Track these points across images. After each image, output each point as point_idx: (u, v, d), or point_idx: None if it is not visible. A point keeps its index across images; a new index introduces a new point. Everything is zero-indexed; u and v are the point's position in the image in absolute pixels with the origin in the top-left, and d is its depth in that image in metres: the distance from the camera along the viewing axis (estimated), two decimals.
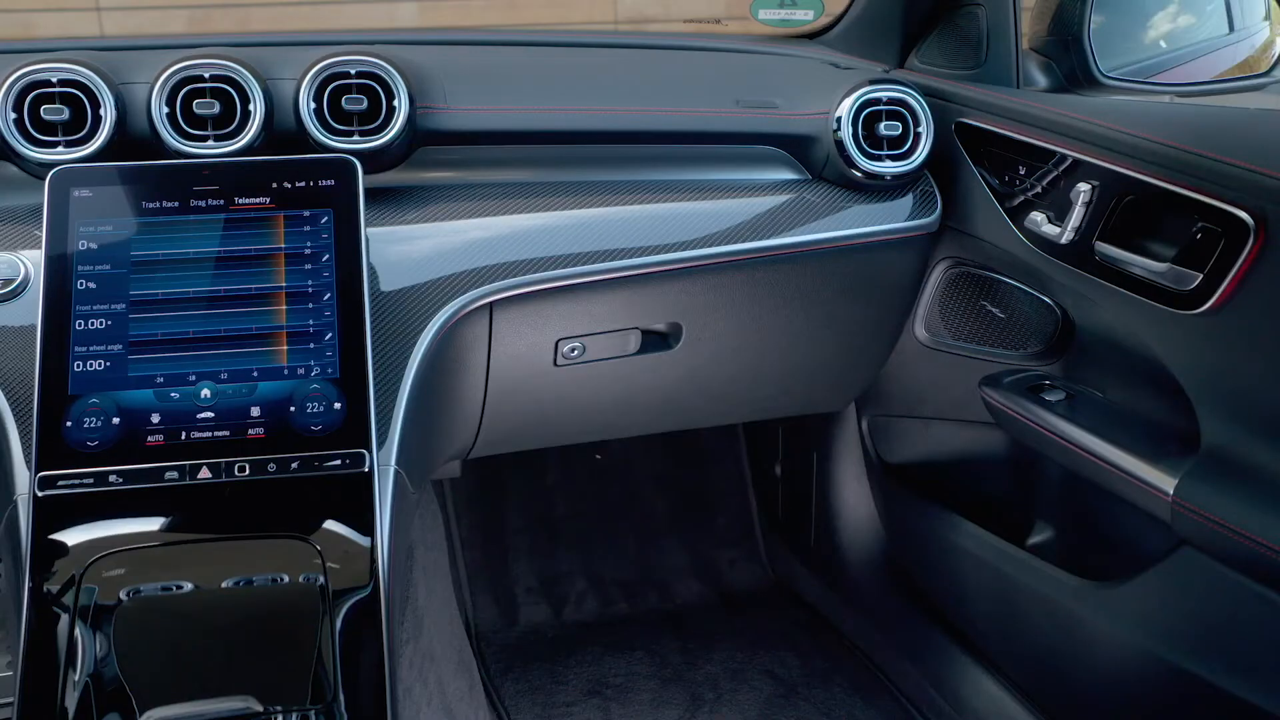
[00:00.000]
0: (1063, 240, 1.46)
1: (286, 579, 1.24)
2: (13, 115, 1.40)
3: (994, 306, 1.69)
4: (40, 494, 1.23)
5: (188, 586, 1.23)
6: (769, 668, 2.07)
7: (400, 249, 1.45)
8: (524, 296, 1.48)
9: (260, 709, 1.12)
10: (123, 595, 1.21)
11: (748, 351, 1.72)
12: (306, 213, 1.37)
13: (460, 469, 1.99)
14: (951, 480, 1.88)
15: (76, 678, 1.15)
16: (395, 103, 1.47)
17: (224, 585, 1.23)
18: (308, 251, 1.35)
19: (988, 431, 1.72)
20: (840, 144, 1.60)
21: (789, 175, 1.67)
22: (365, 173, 1.40)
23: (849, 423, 2.07)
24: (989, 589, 1.73)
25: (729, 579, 2.39)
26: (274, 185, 1.37)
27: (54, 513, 1.23)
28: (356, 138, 1.46)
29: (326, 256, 1.35)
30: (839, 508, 2.13)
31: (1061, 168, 1.47)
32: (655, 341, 1.65)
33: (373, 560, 1.24)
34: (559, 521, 2.40)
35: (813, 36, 1.97)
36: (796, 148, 1.65)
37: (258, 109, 1.44)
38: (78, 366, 1.27)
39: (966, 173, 1.64)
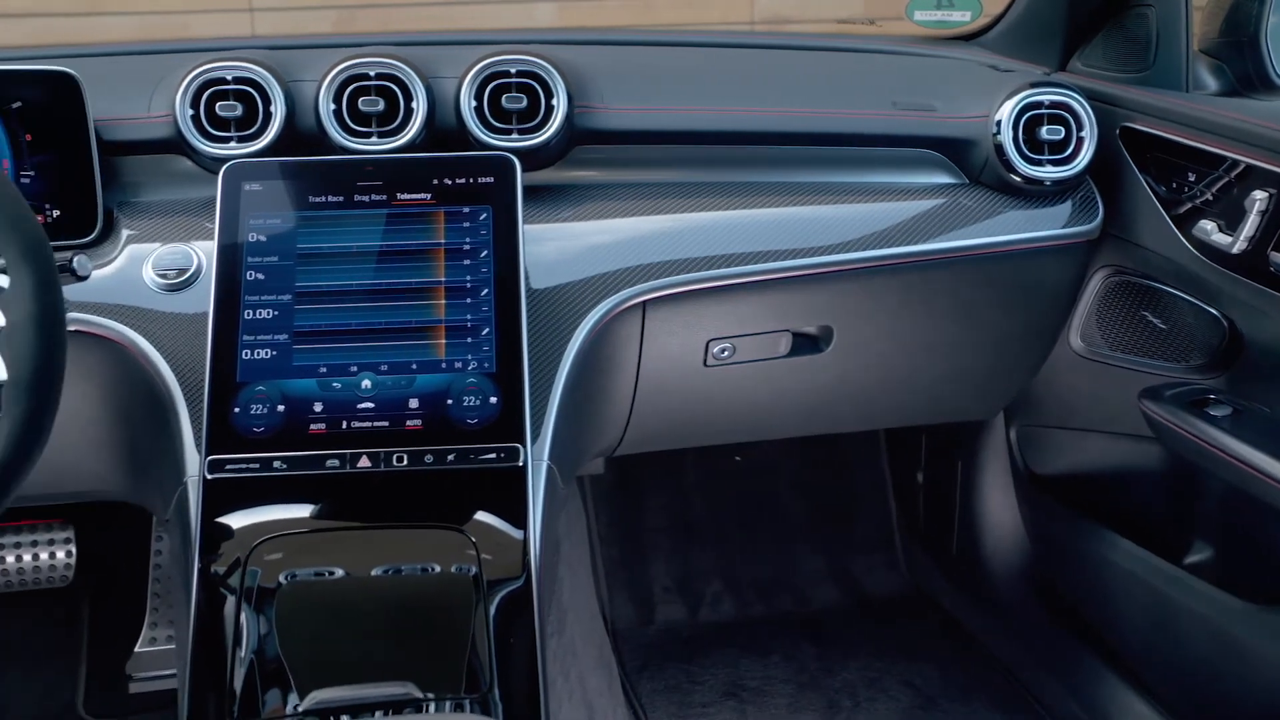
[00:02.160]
0: (1234, 250, 1.41)
1: (438, 569, 1.27)
2: (190, 111, 1.45)
3: (1155, 317, 1.63)
4: (209, 477, 1.27)
5: (345, 572, 1.26)
6: (908, 678, 2.04)
7: (555, 246, 1.47)
8: (677, 296, 1.48)
9: (420, 695, 1.15)
10: (283, 578, 1.24)
11: (898, 357, 1.70)
12: (466, 209, 1.39)
13: (603, 466, 2.00)
14: (1104, 494, 1.83)
15: (242, 656, 1.19)
16: (554, 102, 1.49)
17: (378, 572, 1.26)
18: (467, 247, 1.37)
19: (1144, 445, 1.67)
20: (1000, 148, 1.57)
21: (944, 179, 1.65)
22: (523, 170, 1.42)
23: (996, 432, 2.03)
24: (1143, 607, 1.68)
25: (867, 585, 2.36)
26: (435, 182, 1.40)
27: (221, 496, 1.27)
28: (515, 136, 1.48)
29: (485, 252, 1.37)
30: (984, 517, 2.09)
31: (1234, 174, 1.42)
32: (805, 344, 1.64)
33: (525, 553, 1.26)
34: (696, 522, 2.40)
35: (969, 38, 1.94)
36: (954, 151, 1.63)
37: (420, 107, 1.47)
38: (246, 355, 1.32)
39: (1131, 179, 1.59)
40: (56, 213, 1.42)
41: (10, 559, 2.10)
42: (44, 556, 2.12)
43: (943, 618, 2.25)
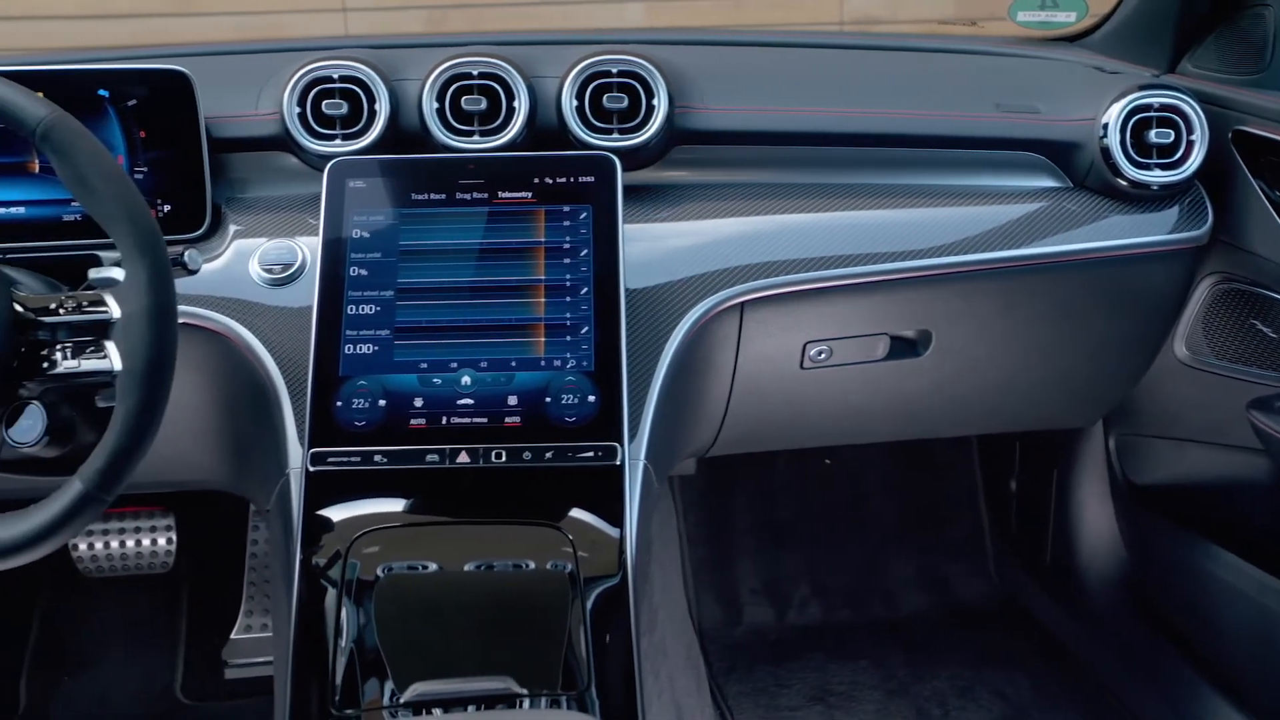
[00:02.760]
0: None
1: (533, 565, 1.27)
2: (297, 109, 1.48)
3: (1266, 326, 1.59)
4: (311, 469, 1.29)
5: (442, 566, 1.27)
6: (999, 688, 2.02)
7: (654, 246, 1.47)
8: (774, 298, 1.47)
9: (518, 691, 1.16)
10: (380, 571, 1.26)
11: (997, 362, 1.68)
12: (567, 208, 1.40)
13: (694, 466, 2.00)
14: (1208, 506, 1.79)
15: (342, 647, 1.20)
16: (655, 102, 1.49)
17: (475, 567, 1.27)
18: (567, 246, 1.38)
19: (1252, 457, 1.63)
20: (1106, 151, 1.54)
21: (1048, 182, 1.62)
22: (622, 170, 1.42)
23: (1094, 440, 2.00)
24: (1247, 622, 1.64)
25: (957, 592, 2.34)
26: (536, 180, 1.41)
27: (322, 488, 1.29)
28: (616, 135, 1.49)
29: (585, 251, 1.38)
30: (1079, 526, 2.05)
31: None
32: (903, 348, 1.62)
33: (621, 551, 1.26)
34: (785, 524, 2.39)
35: (1073, 39, 1.90)
36: (1058, 154, 1.60)
37: (522, 106, 1.48)
38: (348, 349, 1.34)
39: (1243, 184, 1.55)
40: (167, 208, 1.45)
41: (114, 545, 2.16)
42: (145, 543, 2.17)
43: (1035, 627, 2.21)
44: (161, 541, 2.18)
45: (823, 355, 1.57)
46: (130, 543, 2.17)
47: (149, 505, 2.17)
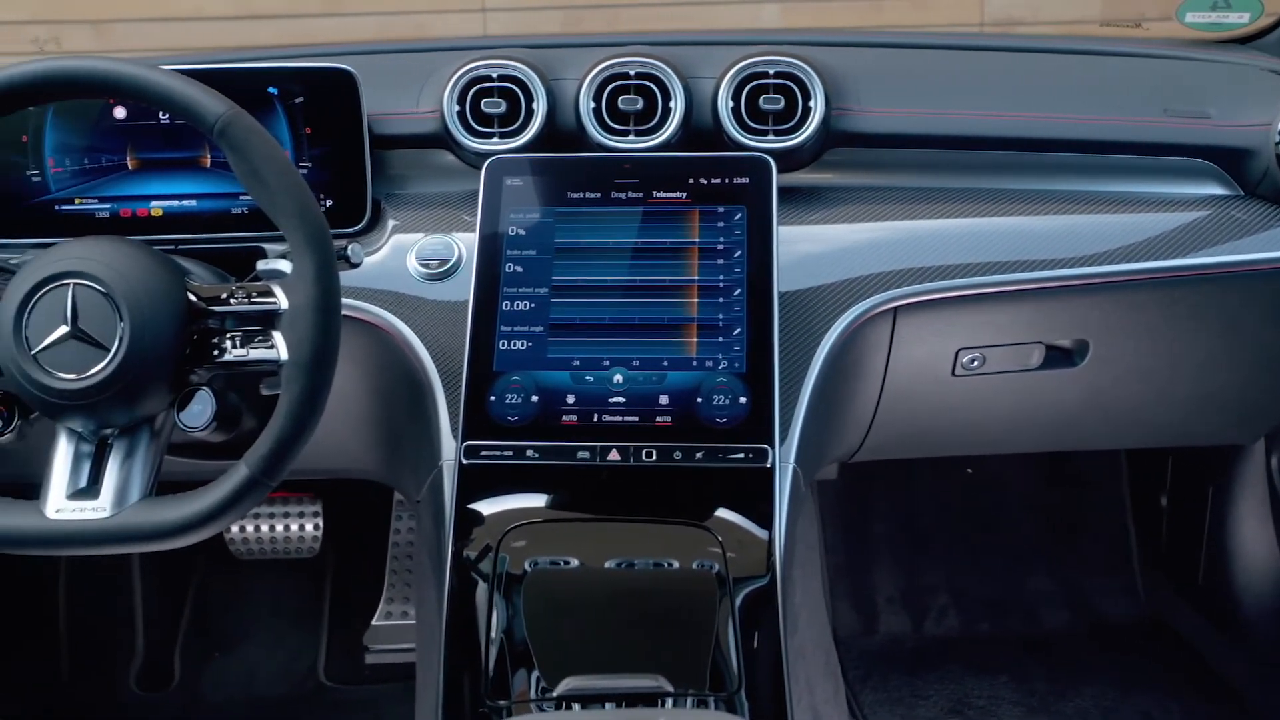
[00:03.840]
0: None
1: (677, 564, 1.27)
2: (456, 107, 1.50)
3: None
4: (465, 462, 1.31)
5: (587, 561, 1.28)
6: (1146, 709, 1.96)
7: (807, 248, 1.46)
8: (928, 303, 1.45)
9: (671, 690, 1.16)
10: (527, 565, 1.27)
11: (1157, 375, 1.63)
12: (721, 209, 1.40)
13: (836, 471, 1.98)
14: None
15: (492, 639, 1.22)
16: (811, 103, 1.48)
17: (621, 564, 1.27)
18: (720, 247, 1.38)
19: None
20: None
21: (1215, 190, 1.56)
22: (777, 172, 1.41)
23: (1255, 458, 1.92)
24: None
25: (1101, 610, 2.27)
26: (691, 181, 1.41)
27: (474, 481, 1.31)
28: (771, 137, 1.48)
29: (739, 252, 1.37)
30: (1237, 547, 1.98)
31: None
32: (1058, 358, 1.58)
33: (769, 554, 1.25)
34: (923, 532, 2.35)
35: (1245, 41, 1.83)
36: (1229, 161, 1.54)
37: (678, 106, 1.48)
38: (503, 345, 1.35)
39: None
40: (329, 202, 1.48)
41: (264, 528, 2.23)
42: (294, 528, 2.24)
43: (1185, 649, 2.14)
44: (309, 527, 2.24)
45: (975, 363, 1.54)
46: (279, 527, 2.23)
47: (298, 492, 2.23)
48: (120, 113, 1.48)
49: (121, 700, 2.13)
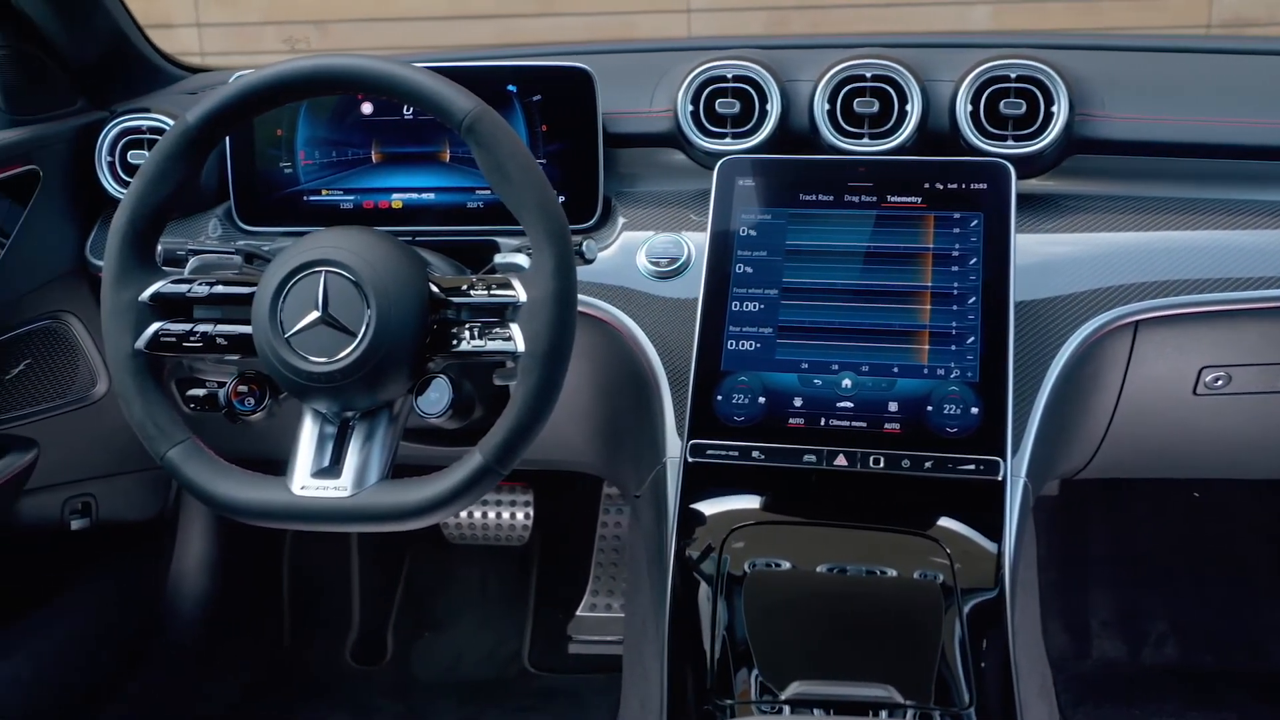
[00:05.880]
0: None
1: (898, 573, 1.25)
2: (690, 107, 1.51)
3: None
4: (690, 460, 1.32)
5: (809, 566, 1.27)
6: None
7: (1044, 257, 1.42)
8: (1171, 318, 1.39)
9: (902, 701, 1.14)
10: (748, 566, 1.27)
11: None
12: (957, 215, 1.37)
13: (1057, 487, 1.92)
14: None
15: (715, 637, 1.22)
16: (1054, 108, 1.44)
17: (829, 569, 1.26)
18: (955, 253, 1.35)
19: None
20: None
21: None
22: (1016, 178, 1.38)
23: None
24: None
25: None
26: (926, 185, 1.39)
27: (698, 479, 1.32)
28: (1011, 142, 1.44)
29: (974, 260, 1.34)
30: None
31: None
32: None
33: (998, 568, 1.22)
34: (1143, 556, 2.26)
35: None
36: None
37: (915, 109, 1.46)
38: (730, 345, 1.35)
39: None
40: (562, 199, 1.51)
41: (477, 514, 2.29)
42: (505, 516, 2.29)
43: None
44: (520, 516, 2.29)
45: (1220, 382, 1.47)
46: (492, 515, 2.29)
47: (512, 481, 2.28)
48: (367, 108, 1.54)
49: (338, 670, 2.22)
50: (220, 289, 1.24)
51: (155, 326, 1.21)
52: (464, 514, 2.28)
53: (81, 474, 1.77)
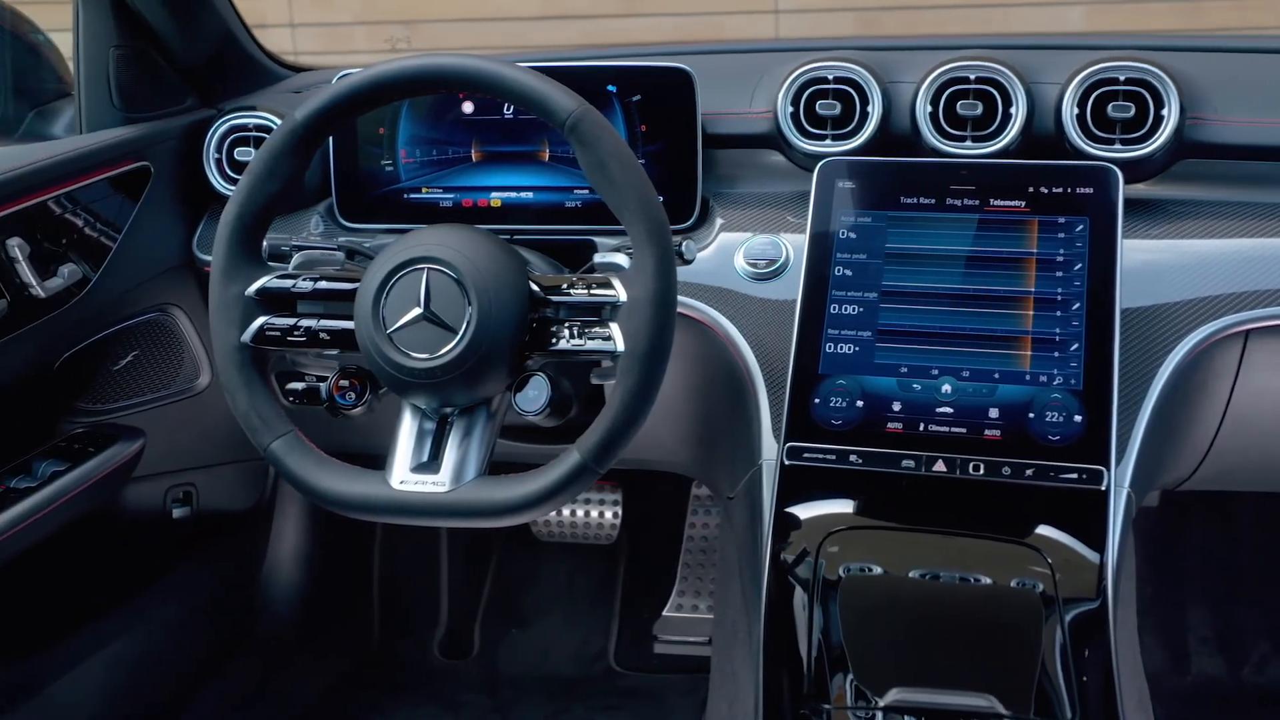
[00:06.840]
0: None
1: (990, 581, 1.24)
2: (790, 109, 1.51)
3: None
4: (786, 463, 1.31)
5: (906, 572, 1.26)
6: None
7: (1150, 264, 1.39)
8: None
9: (1003, 712, 1.13)
10: (844, 571, 1.26)
11: None
12: (1061, 219, 1.35)
13: (1158, 498, 1.88)
14: None
15: (810, 641, 1.22)
16: (1164, 111, 1.41)
17: (939, 577, 1.24)
18: (1060, 259, 1.33)
19: None
20: None
21: None
22: (1123, 182, 1.35)
23: None
24: None
25: None
26: (1030, 189, 1.37)
27: (794, 482, 1.31)
28: (1118, 146, 1.42)
29: (1079, 265, 1.32)
30: None
31: None
32: None
33: (1100, 578, 1.20)
34: (1244, 572, 2.20)
35: None
36: None
37: (1019, 112, 1.44)
38: (829, 348, 1.35)
39: None
40: (660, 199, 1.51)
41: (566, 513, 2.30)
42: (594, 515, 2.30)
43: None
44: (608, 515, 2.30)
45: None
46: (580, 513, 2.30)
47: (601, 480, 2.29)
48: (468, 108, 1.55)
49: (426, 665, 2.24)
50: (324, 284, 1.26)
51: (260, 320, 1.23)
52: (553, 512, 2.29)
53: (184, 464, 1.81)
